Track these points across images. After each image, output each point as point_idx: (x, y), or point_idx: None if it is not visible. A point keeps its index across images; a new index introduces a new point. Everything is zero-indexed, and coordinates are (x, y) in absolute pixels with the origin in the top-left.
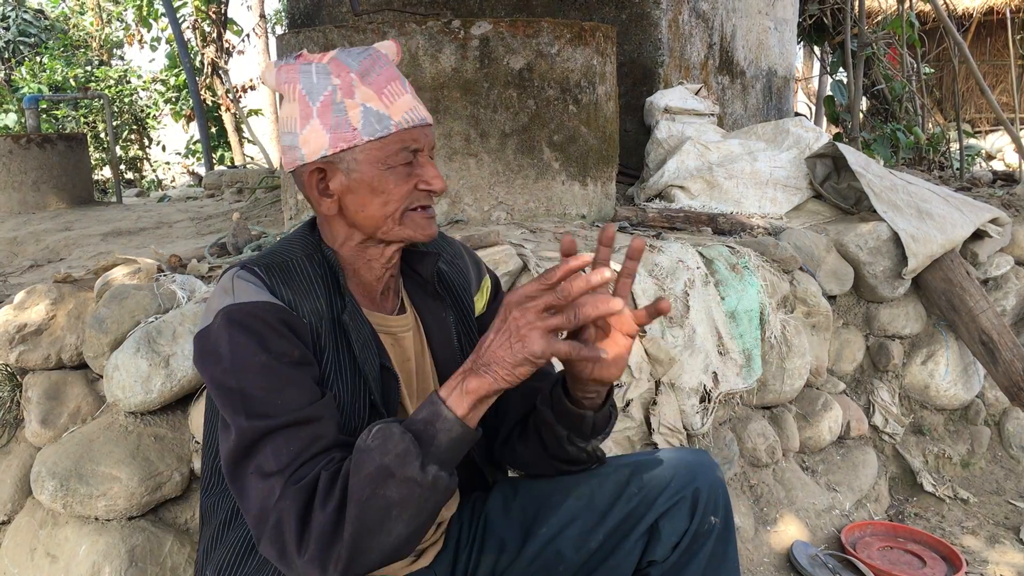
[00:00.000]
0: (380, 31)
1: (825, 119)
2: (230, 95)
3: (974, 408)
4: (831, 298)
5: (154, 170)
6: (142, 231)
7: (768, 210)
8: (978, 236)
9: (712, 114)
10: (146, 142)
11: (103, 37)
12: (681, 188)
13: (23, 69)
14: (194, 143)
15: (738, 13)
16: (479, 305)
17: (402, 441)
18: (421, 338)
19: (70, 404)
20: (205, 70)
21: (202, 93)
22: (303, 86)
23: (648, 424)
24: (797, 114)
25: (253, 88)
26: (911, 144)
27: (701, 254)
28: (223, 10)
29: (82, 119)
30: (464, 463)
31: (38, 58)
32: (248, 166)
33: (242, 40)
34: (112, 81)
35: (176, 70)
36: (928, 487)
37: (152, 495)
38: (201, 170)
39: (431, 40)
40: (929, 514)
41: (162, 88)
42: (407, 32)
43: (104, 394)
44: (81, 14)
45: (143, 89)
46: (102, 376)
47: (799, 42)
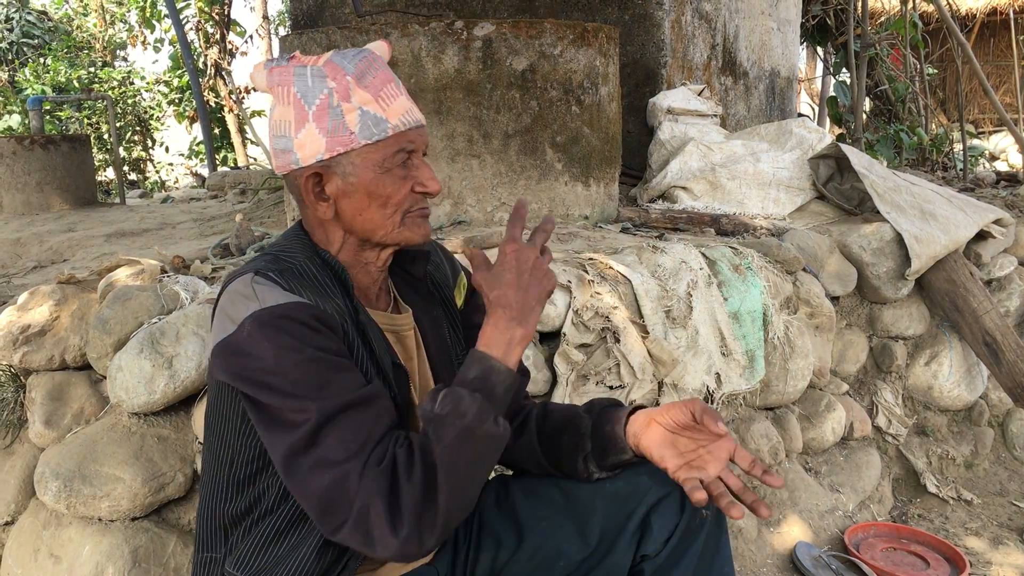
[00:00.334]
0: (383, 32)
1: (828, 120)
2: (233, 96)
3: (977, 409)
4: (834, 299)
5: (157, 171)
6: (145, 232)
7: (771, 211)
8: (982, 237)
9: (715, 115)
10: (149, 143)
11: (107, 38)
12: (684, 189)
13: (27, 70)
14: (197, 144)
15: (741, 14)
16: (458, 300)
17: (474, 401)
18: (417, 336)
19: (74, 405)
20: (208, 71)
21: (205, 94)
22: (297, 89)
23: None
24: (800, 115)
25: (256, 89)
26: (914, 145)
27: (704, 255)
28: (226, 11)
29: (85, 120)
30: None
31: (42, 59)
32: (251, 167)
33: (245, 41)
34: (115, 82)
35: (179, 71)
36: (932, 488)
37: (155, 496)
38: (204, 171)
39: (434, 41)
40: (933, 515)
41: (165, 89)
42: (410, 33)
43: (108, 395)
44: (84, 15)
45: (146, 90)
46: (105, 377)
47: (802, 43)
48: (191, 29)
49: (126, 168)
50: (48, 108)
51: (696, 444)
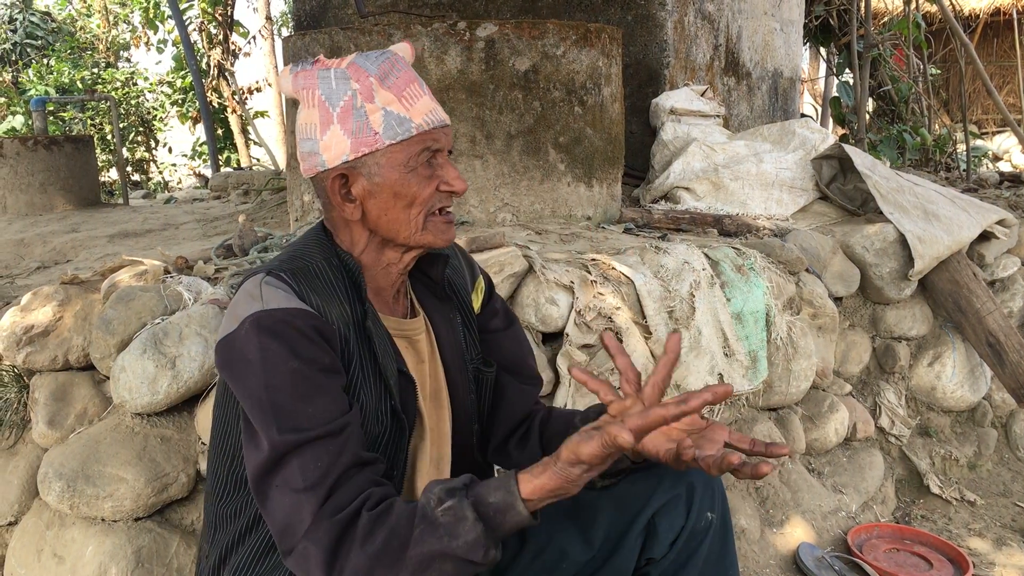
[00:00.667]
0: (386, 33)
1: (831, 120)
2: (236, 97)
3: (981, 410)
4: (837, 300)
5: (160, 172)
6: (148, 233)
7: (774, 211)
8: (985, 237)
9: (718, 115)
10: (152, 144)
11: (110, 39)
12: (687, 189)
13: (30, 71)
14: (200, 145)
15: (744, 14)
16: (475, 305)
17: (473, 530)
18: (431, 340)
19: (77, 405)
20: (211, 72)
21: (208, 95)
22: (322, 92)
23: None
24: (803, 115)
25: (259, 90)
26: (917, 145)
27: (707, 255)
28: (229, 12)
29: (89, 121)
30: (467, 461)
31: (45, 60)
32: (254, 168)
33: (248, 42)
34: (119, 83)
35: (182, 72)
36: (935, 489)
37: (158, 496)
38: (207, 172)
39: (436, 42)
40: (936, 516)
41: (168, 90)
42: (413, 34)
43: (111, 395)
44: (88, 16)
45: (150, 91)
46: (109, 377)
47: (805, 43)
48: (194, 30)
49: (129, 169)
50: (52, 109)
51: (689, 433)
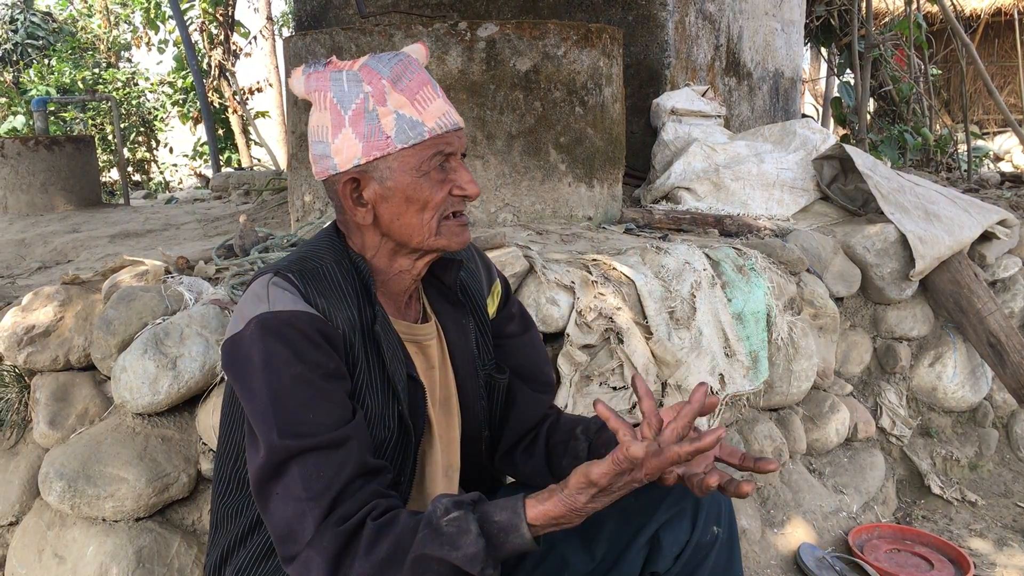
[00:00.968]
0: (387, 33)
1: (832, 120)
2: (237, 97)
3: (982, 410)
4: (838, 300)
5: (161, 172)
6: (149, 233)
7: (775, 212)
8: (986, 238)
9: (719, 116)
10: (153, 144)
11: (111, 39)
12: (688, 190)
13: (31, 71)
14: (201, 145)
15: (745, 15)
16: (491, 309)
17: (475, 544)
18: (442, 346)
19: (78, 405)
20: (212, 72)
21: (209, 95)
22: (334, 94)
23: None
24: (804, 116)
25: (260, 90)
26: (918, 145)
27: (708, 256)
28: (230, 12)
29: (90, 121)
30: (476, 468)
31: (46, 60)
32: (255, 168)
33: (249, 42)
34: (120, 83)
35: (183, 72)
36: (936, 489)
37: (159, 496)
38: (208, 172)
39: (437, 42)
40: (937, 516)
41: (169, 90)
42: (413, 34)
43: (112, 395)
44: (89, 17)
45: (151, 91)
46: (110, 377)
47: (806, 44)
48: (195, 30)
49: (130, 169)
50: (52, 109)
51: None
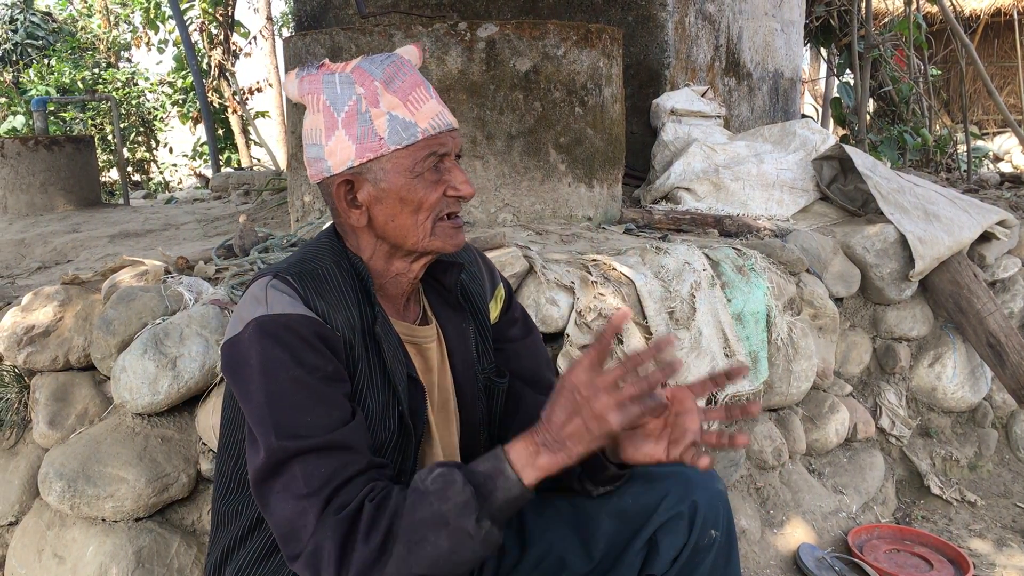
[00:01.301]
0: (387, 33)
1: (832, 121)
2: (237, 97)
3: (981, 410)
4: (838, 300)
5: (161, 172)
6: (149, 233)
7: (775, 212)
8: (985, 238)
9: (718, 116)
10: (153, 144)
11: (111, 39)
12: (687, 190)
13: (31, 71)
14: (201, 145)
15: (744, 15)
16: (493, 313)
17: (463, 492)
18: (442, 348)
19: (77, 405)
20: (212, 72)
21: (209, 95)
22: (327, 97)
23: None
24: (804, 116)
25: (260, 90)
26: (918, 146)
27: (707, 256)
28: (230, 12)
29: (89, 121)
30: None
31: (46, 60)
32: (255, 168)
33: (249, 42)
34: (120, 83)
35: (183, 72)
36: (935, 490)
37: (159, 496)
38: (208, 172)
39: (437, 42)
40: (936, 517)
41: (169, 90)
42: (413, 34)
43: (111, 395)
44: (89, 17)
45: (150, 91)
46: (109, 378)
47: (806, 44)
48: (195, 30)
49: (130, 169)
50: (52, 109)
51: (664, 421)
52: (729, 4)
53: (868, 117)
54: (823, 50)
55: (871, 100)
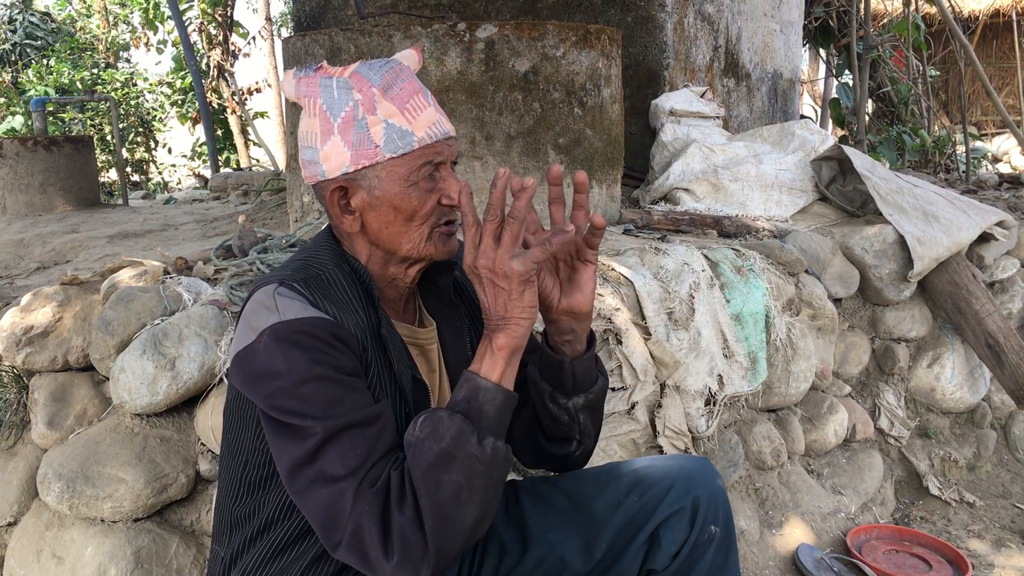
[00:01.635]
0: (386, 34)
1: (831, 122)
2: (236, 98)
3: (980, 411)
4: (836, 301)
5: (160, 172)
6: (148, 233)
7: (773, 213)
8: (984, 239)
9: (717, 117)
10: (152, 144)
11: (109, 40)
12: (686, 191)
13: (30, 72)
14: (200, 145)
15: (743, 16)
16: None
17: (452, 423)
18: (440, 348)
19: (76, 406)
20: (211, 73)
21: (208, 96)
22: (323, 101)
23: (653, 427)
24: (803, 117)
25: (259, 91)
26: (917, 147)
27: (706, 257)
28: (229, 13)
29: (88, 122)
30: None
31: (45, 61)
32: (254, 168)
33: (248, 43)
34: (118, 84)
35: (182, 73)
36: (934, 490)
37: (158, 497)
38: (207, 172)
39: (436, 43)
40: (935, 517)
41: (168, 91)
42: (412, 35)
43: (110, 396)
44: (88, 17)
45: (149, 92)
46: (108, 378)
47: (805, 45)
48: (194, 31)
49: (129, 169)
50: (51, 109)
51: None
52: (728, 5)
53: (867, 118)
54: (822, 51)
55: (870, 101)
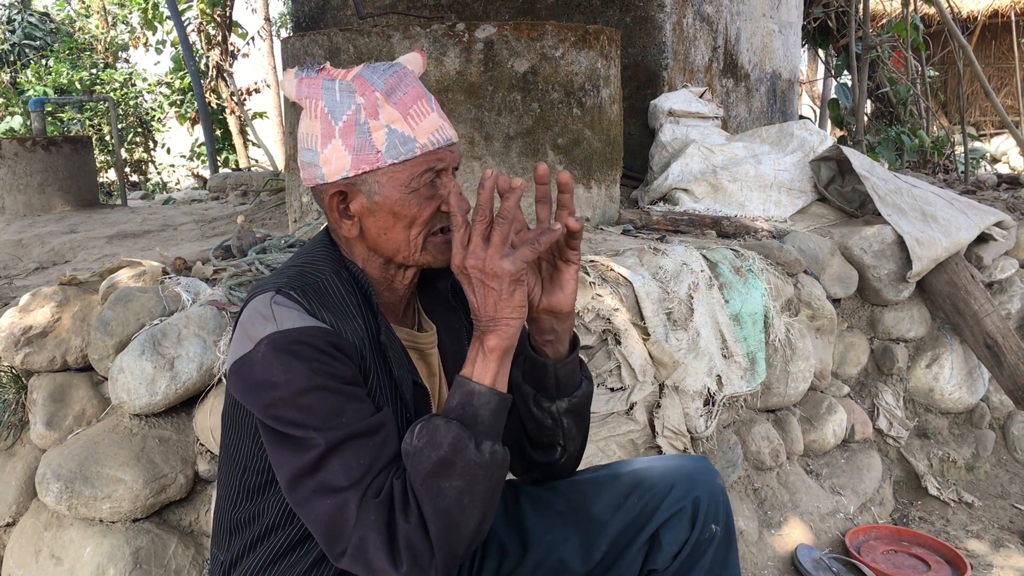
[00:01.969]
0: (385, 34)
1: (829, 122)
2: (235, 98)
3: (979, 411)
4: (835, 301)
5: (159, 173)
6: (147, 233)
7: (772, 213)
8: (983, 239)
9: (716, 117)
10: (151, 145)
11: (108, 40)
12: (685, 191)
13: (29, 72)
14: (199, 146)
15: (742, 16)
16: None
17: (449, 430)
18: (440, 351)
19: (75, 406)
20: (210, 73)
21: (207, 96)
22: (325, 103)
23: (652, 427)
24: (801, 117)
25: (258, 91)
26: (916, 147)
27: (705, 257)
28: (228, 13)
29: (87, 122)
30: None
31: (43, 61)
32: (253, 169)
33: (247, 43)
34: (117, 84)
35: (181, 73)
36: (933, 491)
37: (156, 497)
38: (206, 173)
39: (435, 43)
40: (934, 518)
41: (167, 91)
42: (411, 35)
43: (109, 396)
44: (86, 17)
45: (148, 92)
46: (107, 378)
47: (803, 45)
48: (193, 31)
49: (128, 170)
50: (50, 110)
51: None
52: (727, 5)
53: (866, 118)
54: (821, 51)
55: (869, 101)
